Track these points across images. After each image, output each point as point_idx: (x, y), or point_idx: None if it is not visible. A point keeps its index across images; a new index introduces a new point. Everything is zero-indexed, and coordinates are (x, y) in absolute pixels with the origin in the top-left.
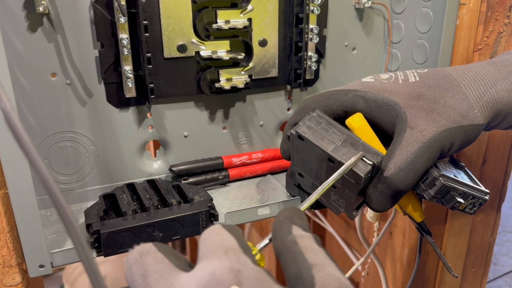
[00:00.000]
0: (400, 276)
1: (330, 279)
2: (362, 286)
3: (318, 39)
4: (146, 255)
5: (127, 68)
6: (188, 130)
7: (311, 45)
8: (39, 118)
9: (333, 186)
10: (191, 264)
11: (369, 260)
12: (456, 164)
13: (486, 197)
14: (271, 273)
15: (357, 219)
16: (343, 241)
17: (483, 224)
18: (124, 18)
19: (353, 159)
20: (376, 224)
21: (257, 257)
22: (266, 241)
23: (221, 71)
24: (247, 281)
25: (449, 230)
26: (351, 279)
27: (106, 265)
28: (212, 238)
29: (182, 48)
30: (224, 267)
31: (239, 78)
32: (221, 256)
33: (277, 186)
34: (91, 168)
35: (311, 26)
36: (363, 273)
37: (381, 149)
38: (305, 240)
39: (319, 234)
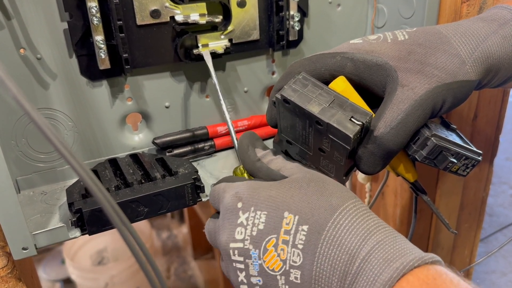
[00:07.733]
0: None
1: (292, 167)
2: None
3: None
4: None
5: (99, 38)
6: (169, 100)
7: (293, 4)
8: None
9: (322, 150)
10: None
11: None
12: (447, 126)
13: (479, 158)
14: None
15: (347, 183)
16: None
17: (476, 179)
18: None
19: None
20: (367, 185)
21: (246, 175)
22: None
23: (199, 37)
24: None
25: (441, 188)
26: None
27: (105, 237)
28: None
29: (155, 13)
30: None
31: (218, 43)
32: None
33: None
34: (71, 145)
35: None
36: None
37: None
38: (267, 157)
39: None
